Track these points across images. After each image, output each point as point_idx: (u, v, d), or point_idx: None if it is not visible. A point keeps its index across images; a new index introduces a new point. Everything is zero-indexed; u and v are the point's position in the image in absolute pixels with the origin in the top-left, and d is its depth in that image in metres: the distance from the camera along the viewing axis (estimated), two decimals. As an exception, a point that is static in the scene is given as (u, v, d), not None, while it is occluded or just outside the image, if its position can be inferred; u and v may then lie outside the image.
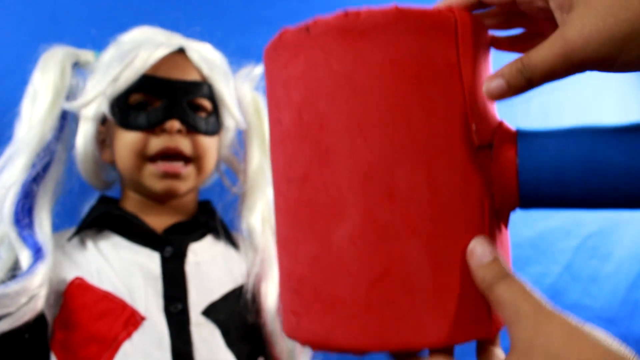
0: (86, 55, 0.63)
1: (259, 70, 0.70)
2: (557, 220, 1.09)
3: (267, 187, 0.66)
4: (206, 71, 0.61)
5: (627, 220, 1.14)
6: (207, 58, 0.63)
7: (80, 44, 0.81)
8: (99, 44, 0.82)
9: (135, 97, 0.58)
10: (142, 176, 0.59)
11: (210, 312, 0.56)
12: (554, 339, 0.24)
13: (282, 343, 0.60)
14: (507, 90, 0.28)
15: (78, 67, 0.63)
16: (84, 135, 0.61)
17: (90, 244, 0.58)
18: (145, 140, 0.58)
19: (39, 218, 0.55)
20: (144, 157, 0.58)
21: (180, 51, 0.62)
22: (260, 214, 0.64)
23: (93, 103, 0.59)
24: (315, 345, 0.30)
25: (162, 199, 0.62)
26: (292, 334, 0.32)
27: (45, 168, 0.56)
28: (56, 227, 0.60)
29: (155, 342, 0.52)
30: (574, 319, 0.25)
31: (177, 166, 0.59)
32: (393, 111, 0.28)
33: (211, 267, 0.60)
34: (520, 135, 0.30)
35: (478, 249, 0.28)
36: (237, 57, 0.70)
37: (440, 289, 0.28)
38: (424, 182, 0.28)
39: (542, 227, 1.04)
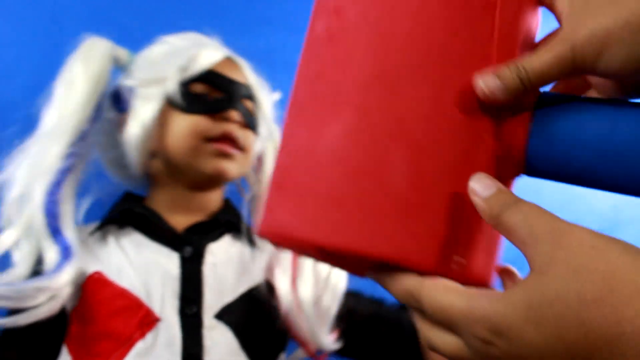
0: (121, 52, 0.65)
1: (276, 96, 0.72)
2: (557, 220, 1.09)
3: None
4: (251, 80, 0.65)
5: (627, 220, 1.14)
6: (250, 70, 0.67)
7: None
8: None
9: (197, 87, 0.61)
10: (198, 155, 0.60)
11: (224, 314, 0.56)
12: (575, 250, 0.22)
13: (300, 321, 0.59)
14: (502, 89, 0.27)
15: (113, 62, 0.64)
16: (144, 116, 0.60)
17: (111, 239, 0.59)
18: (205, 124, 0.60)
19: (65, 211, 0.56)
20: (203, 139, 0.60)
21: (228, 59, 0.65)
22: None
23: (156, 85, 0.60)
24: (278, 238, 0.31)
25: (206, 185, 0.63)
26: (263, 231, 0.32)
27: (80, 158, 0.58)
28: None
29: (167, 344, 0.52)
30: (593, 230, 0.23)
31: (230, 147, 0.61)
32: (417, 27, 0.29)
33: (227, 268, 0.60)
34: (541, 96, 0.29)
35: (478, 184, 0.27)
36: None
37: (415, 204, 0.28)
38: (429, 97, 0.28)
39: (542, 227, 1.04)
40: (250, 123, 0.63)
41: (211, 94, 0.61)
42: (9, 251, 0.54)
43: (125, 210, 0.61)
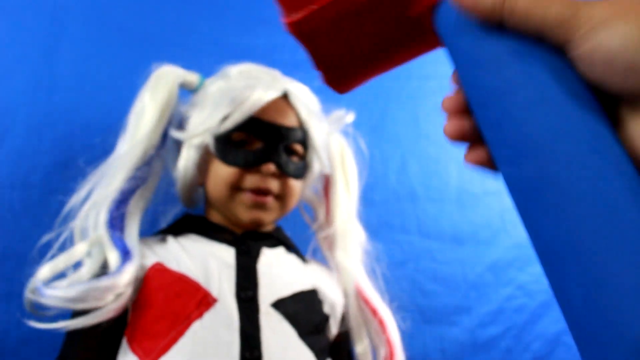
0: (191, 77, 0.66)
1: (350, 118, 0.73)
2: (558, 220, 1.09)
3: (358, 229, 0.70)
4: (304, 116, 0.65)
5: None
6: (305, 102, 0.66)
7: (81, 44, 0.81)
8: (98, 44, 0.82)
9: (238, 135, 0.62)
10: (233, 204, 0.63)
11: (280, 305, 0.58)
12: None
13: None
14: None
15: (181, 87, 0.66)
16: (186, 160, 0.64)
17: (171, 238, 0.62)
18: (240, 176, 0.62)
19: (130, 224, 0.59)
20: (236, 189, 0.62)
21: (284, 94, 0.65)
22: (354, 256, 0.68)
23: (199, 136, 0.63)
24: None
25: (246, 227, 0.65)
26: None
27: (144, 180, 0.61)
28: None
29: (225, 323, 0.53)
30: None
31: (265, 198, 0.63)
32: None
33: (281, 269, 0.62)
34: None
35: None
36: (237, 57, 0.70)
37: None
38: None
39: (542, 227, 1.04)
40: (289, 171, 0.63)
41: (251, 143, 0.63)
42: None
43: (186, 219, 0.65)
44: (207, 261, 0.58)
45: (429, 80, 1.01)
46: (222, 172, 0.62)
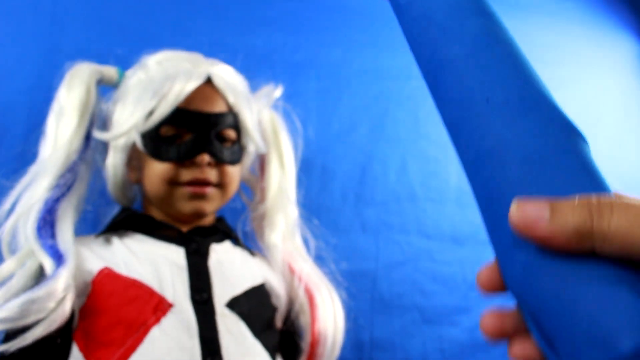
0: (109, 72, 0.64)
1: (278, 92, 0.71)
2: (557, 220, 1.09)
3: (289, 205, 0.68)
4: (231, 99, 0.63)
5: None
6: (231, 85, 0.64)
7: (81, 44, 0.81)
8: (98, 44, 0.82)
9: (166, 129, 0.60)
10: (172, 198, 0.61)
11: (234, 305, 0.57)
12: None
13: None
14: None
15: (101, 84, 0.64)
16: (114, 162, 0.63)
17: (115, 240, 0.60)
18: (175, 171, 0.60)
19: (61, 230, 0.56)
20: (173, 183, 0.61)
21: (207, 79, 0.63)
22: (281, 232, 0.67)
23: (124, 136, 0.61)
24: None
25: (188, 220, 0.64)
26: None
27: (69, 187, 0.58)
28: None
29: (183, 329, 0.53)
30: None
31: (204, 188, 0.61)
32: None
33: (231, 266, 0.62)
34: None
35: (529, 207, 0.21)
36: (237, 57, 0.70)
37: None
38: None
39: (542, 227, 1.04)
40: (225, 159, 0.62)
41: (182, 135, 0.60)
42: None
43: (128, 217, 0.62)
44: (157, 264, 0.57)
45: (428, 80, 1.01)
46: (156, 170, 0.60)
